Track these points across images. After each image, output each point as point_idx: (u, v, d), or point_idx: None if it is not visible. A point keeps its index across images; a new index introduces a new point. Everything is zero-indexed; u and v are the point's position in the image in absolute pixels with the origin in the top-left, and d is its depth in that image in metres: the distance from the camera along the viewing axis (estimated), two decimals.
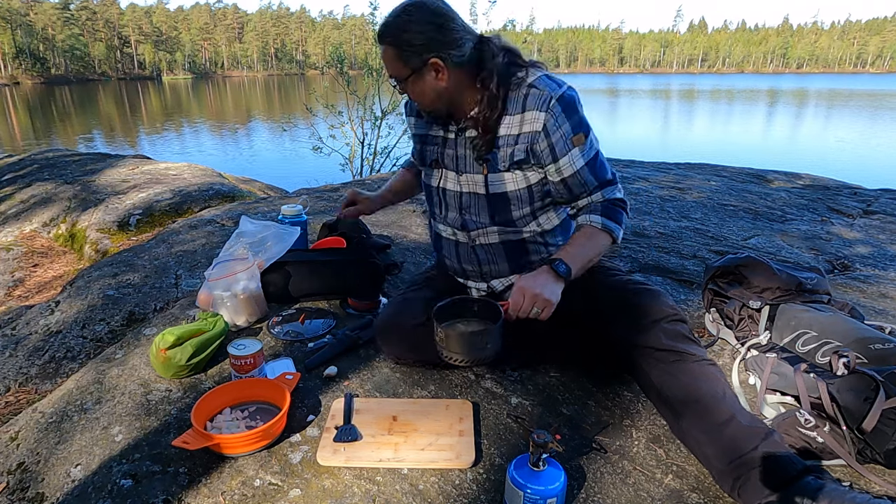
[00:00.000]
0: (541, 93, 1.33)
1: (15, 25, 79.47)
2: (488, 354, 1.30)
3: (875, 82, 72.90)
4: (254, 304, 1.80)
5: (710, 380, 1.23)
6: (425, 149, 1.56)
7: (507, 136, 1.38)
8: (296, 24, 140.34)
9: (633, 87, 59.96)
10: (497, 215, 1.46)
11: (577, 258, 1.35)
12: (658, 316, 1.30)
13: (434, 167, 1.54)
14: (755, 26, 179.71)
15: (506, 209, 1.45)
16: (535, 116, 1.33)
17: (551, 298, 1.28)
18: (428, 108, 1.43)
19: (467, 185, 1.47)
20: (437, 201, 1.56)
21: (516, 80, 1.36)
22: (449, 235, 1.56)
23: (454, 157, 1.47)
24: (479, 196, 1.46)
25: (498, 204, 1.45)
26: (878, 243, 2.69)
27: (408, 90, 1.39)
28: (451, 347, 1.30)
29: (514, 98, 1.36)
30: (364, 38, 16.25)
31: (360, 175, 7.24)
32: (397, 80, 1.38)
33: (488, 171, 1.42)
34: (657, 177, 4.03)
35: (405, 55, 1.32)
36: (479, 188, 1.45)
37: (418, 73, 1.34)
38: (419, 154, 1.59)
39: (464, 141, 1.44)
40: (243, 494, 1.14)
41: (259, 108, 31.31)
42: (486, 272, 1.55)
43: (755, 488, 1.06)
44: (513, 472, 1.06)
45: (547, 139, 1.35)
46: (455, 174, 1.49)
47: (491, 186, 1.43)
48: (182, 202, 3.81)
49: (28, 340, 1.92)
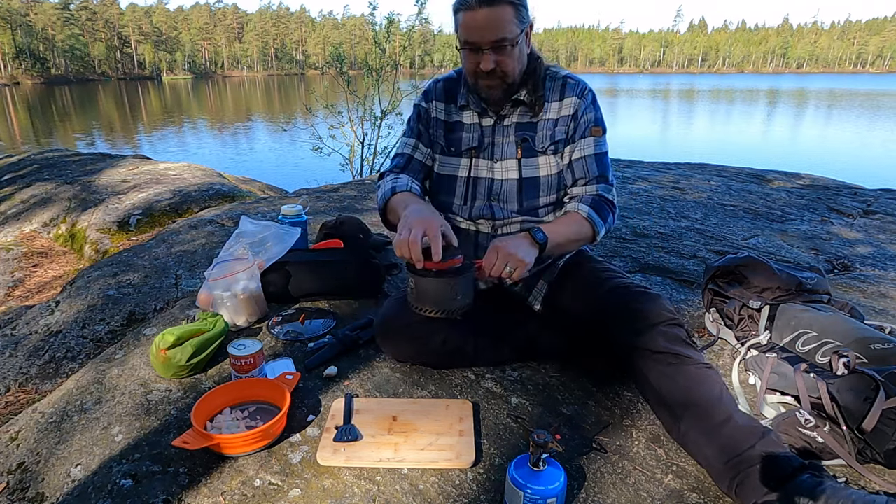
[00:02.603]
0: (576, 84, 1.48)
1: (15, 25, 79.48)
2: (459, 306, 1.27)
3: (875, 82, 72.91)
4: (254, 304, 1.80)
5: (708, 382, 1.24)
6: (457, 136, 1.53)
7: (546, 119, 1.48)
8: (296, 24, 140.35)
9: (633, 87, 59.97)
10: (526, 201, 1.51)
11: (555, 234, 1.38)
12: (657, 319, 1.31)
13: (466, 156, 1.52)
14: (755, 26, 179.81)
15: (535, 196, 1.50)
16: (572, 102, 1.47)
17: (525, 259, 1.28)
18: (510, 80, 1.39)
19: (501, 171, 1.50)
20: (462, 192, 1.54)
21: (552, 72, 1.48)
22: (469, 227, 1.56)
23: (491, 145, 1.50)
24: (512, 182, 1.49)
25: (529, 190, 1.50)
26: (878, 243, 2.69)
27: (504, 55, 1.34)
28: (420, 298, 1.27)
29: (552, 87, 1.48)
30: (364, 38, 16.20)
31: (360, 175, 7.23)
32: (505, 41, 1.32)
33: (522, 155, 1.48)
34: (657, 177, 4.03)
35: (520, 13, 1.34)
36: (512, 173, 1.49)
37: (522, 36, 1.36)
38: (447, 142, 1.54)
39: (502, 129, 1.48)
40: (243, 494, 1.14)
41: (259, 109, 31.32)
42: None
43: (753, 486, 1.06)
44: (513, 472, 1.06)
45: (574, 122, 1.47)
46: (489, 162, 1.50)
47: (524, 170, 1.49)
48: (182, 202, 3.81)
49: (28, 340, 1.92)
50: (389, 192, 1.48)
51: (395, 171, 1.58)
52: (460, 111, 1.53)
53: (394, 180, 1.51)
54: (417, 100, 1.63)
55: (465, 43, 1.35)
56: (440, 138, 1.56)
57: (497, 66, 1.35)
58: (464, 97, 1.52)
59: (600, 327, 1.39)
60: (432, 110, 1.57)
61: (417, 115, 1.60)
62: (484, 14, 1.30)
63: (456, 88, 1.55)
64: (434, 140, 1.58)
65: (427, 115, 1.58)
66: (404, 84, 7.46)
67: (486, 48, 1.33)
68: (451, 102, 1.55)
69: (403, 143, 1.62)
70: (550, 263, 1.58)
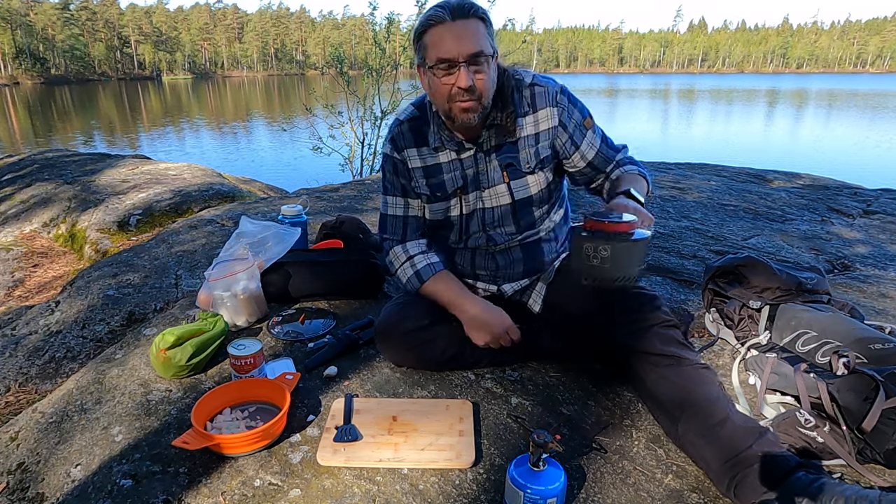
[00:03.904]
0: (545, 90, 1.40)
1: (15, 25, 79.48)
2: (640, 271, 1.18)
3: (875, 82, 72.92)
4: (254, 304, 1.80)
5: (705, 383, 1.24)
6: (439, 180, 1.47)
7: (525, 137, 1.41)
8: (296, 24, 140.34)
9: (633, 86, 59.97)
10: (522, 220, 1.49)
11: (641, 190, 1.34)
12: (653, 321, 1.33)
13: (454, 196, 1.48)
14: (755, 26, 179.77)
15: (529, 213, 1.49)
16: (549, 113, 1.40)
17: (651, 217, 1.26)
18: (485, 101, 1.32)
19: (491, 199, 1.47)
20: (457, 230, 1.52)
21: (517, 80, 1.40)
22: (466, 248, 1.56)
23: (476, 175, 1.45)
24: (505, 207, 1.47)
25: (523, 209, 1.48)
26: (878, 243, 2.69)
27: (481, 73, 1.28)
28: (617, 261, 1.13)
29: (520, 100, 1.39)
30: (364, 38, 16.22)
31: (360, 175, 7.23)
32: (481, 56, 1.26)
33: (510, 178, 1.44)
34: (657, 177, 4.03)
35: (490, 31, 1.31)
36: (504, 199, 1.46)
37: (493, 59, 1.31)
38: (431, 189, 1.48)
39: (483, 157, 1.43)
40: (243, 494, 1.14)
41: (259, 109, 31.31)
42: (501, 276, 1.56)
43: (751, 486, 1.07)
44: (513, 472, 1.06)
45: (565, 131, 1.43)
46: (477, 193, 1.47)
47: (516, 193, 1.45)
48: (182, 202, 3.81)
49: (28, 340, 1.92)
50: (417, 282, 1.52)
51: (393, 241, 1.57)
52: (435, 152, 1.46)
53: (412, 264, 1.52)
54: (386, 150, 1.52)
55: (439, 61, 1.26)
56: (422, 188, 1.49)
57: (474, 83, 1.27)
58: (436, 138, 1.44)
59: (598, 328, 1.40)
60: (407, 161, 1.48)
61: (394, 168, 1.51)
62: (459, 26, 1.25)
63: (424, 128, 1.46)
64: (418, 191, 1.51)
65: (403, 166, 1.50)
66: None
67: (463, 62, 1.25)
68: (422, 145, 1.46)
69: (391, 204, 1.56)
70: (547, 265, 1.58)
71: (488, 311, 1.45)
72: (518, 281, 1.57)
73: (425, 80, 1.36)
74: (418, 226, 1.56)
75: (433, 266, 1.52)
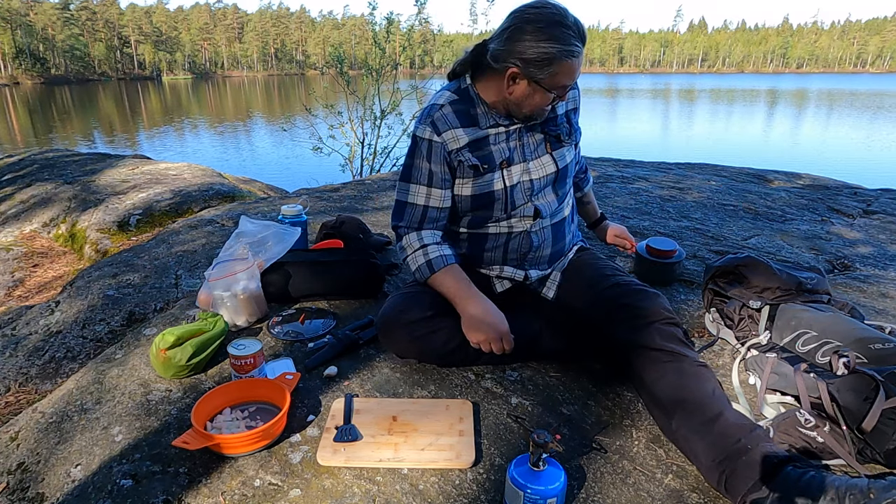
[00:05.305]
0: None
1: (15, 25, 79.47)
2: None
3: (875, 82, 72.92)
4: (254, 304, 1.80)
5: (701, 380, 1.25)
6: (487, 150, 1.50)
7: (560, 114, 1.58)
8: (296, 24, 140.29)
9: (633, 86, 59.96)
10: (559, 191, 1.60)
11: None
12: (654, 317, 1.34)
13: (501, 168, 1.51)
14: (755, 26, 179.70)
15: (565, 183, 1.62)
16: (573, 95, 1.60)
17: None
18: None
19: (537, 169, 1.54)
20: (501, 204, 1.53)
21: None
22: (502, 230, 1.57)
23: (522, 147, 1.52)
24: (550, 176, 1.56)
25: (563, 178, 1.59)
26: (878, 243, 2.69)
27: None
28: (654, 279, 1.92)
29: None
30: (364, 38, 16.22)
31: (360, 175, 7.24)
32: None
33: (552, 148, 1.55)
34: (657, 177, 4.03)
35: None
36: (549, 167, 1.55)
37: None
38: (479, 161, 1.49)
39: (524, 130, 1.53)
40: (243, 494, 1.14)
41: (259, 109, 31.31)
42: (531, 259, 1.61)
43: (741, 480, 1.07)
44: (513, 472, 1.06)
45: (576, 115, 1.64)
46: (523, 164, 1.52)
47: (559, 161, 1.56)
48: (182, 202, 3.81)
49: (28, 340, 1.92)
50: (428, 272, 1.52)
51: (408, 229, 1.56)
52: (481, 130, 1.50)
53: (424, 253, 1.52)
54: (424, 134, 1.48)
55: (562, 88, 1.39)
56: (470, 161, 1.48)
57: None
58: (488, 118, 1.49)
59: (599, 323, 1.42)
60: (450, 142, 1.47)
61: (429, 152, 1.48)
62: (581, 59, 1.39)
63: (471, 110, 1.49)
64: (458, 172, 1.51)
65: (442, 149, 1.47)
66: (404, 84, 7.46)
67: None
68: (468, 125, 1.48)
69: (412, 192, 1.53)
70: (566, 251, 1.68)
71: (489, 313, 1.46)
72: (542, 266, 1.63)
73: (520, 87, 1.40)
74: (436, 217, 1.55)
75: (446, 258, 1.52)
